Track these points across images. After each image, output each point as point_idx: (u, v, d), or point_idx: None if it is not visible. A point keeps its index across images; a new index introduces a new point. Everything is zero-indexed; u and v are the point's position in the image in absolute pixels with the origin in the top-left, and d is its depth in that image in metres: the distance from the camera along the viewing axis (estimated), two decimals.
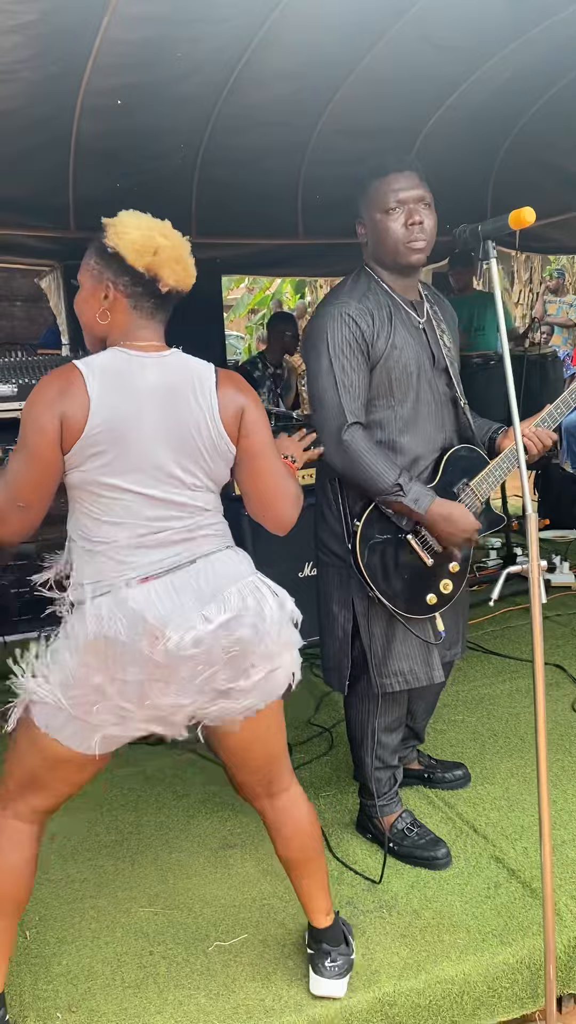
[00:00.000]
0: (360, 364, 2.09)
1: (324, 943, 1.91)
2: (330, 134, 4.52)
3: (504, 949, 2.01)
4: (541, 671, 1.84)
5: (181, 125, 4.11)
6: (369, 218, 2.15)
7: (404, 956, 2.00)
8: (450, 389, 2.28)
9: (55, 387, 1.60)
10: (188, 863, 2.38)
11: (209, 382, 1.68)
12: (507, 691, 3.33)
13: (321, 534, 2.30)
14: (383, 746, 2.34)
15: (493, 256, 1.91)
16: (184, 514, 1.68)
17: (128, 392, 1.61)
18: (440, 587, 2.25)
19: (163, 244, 1.64)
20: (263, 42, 3.50)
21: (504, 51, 4.04)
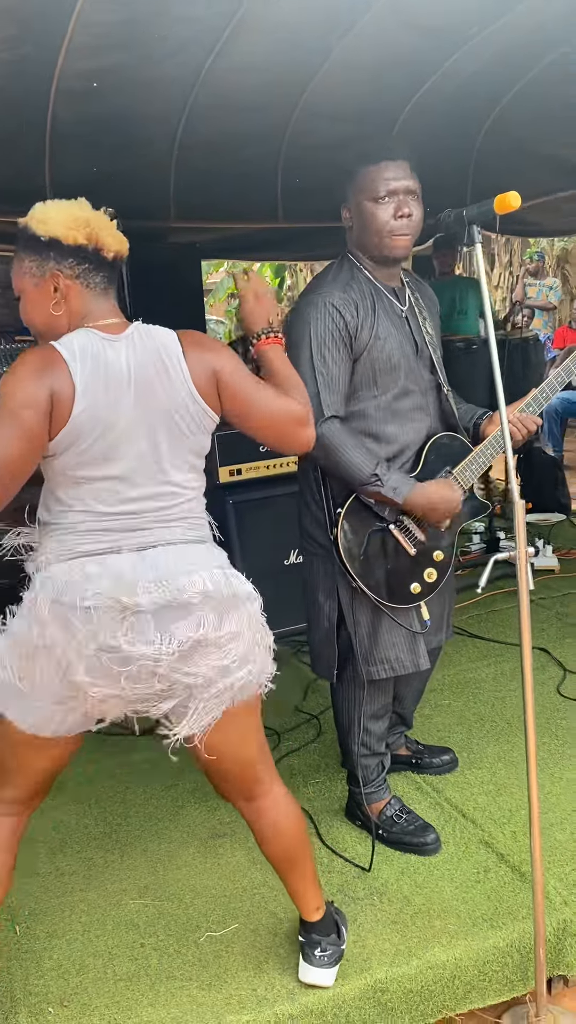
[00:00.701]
0: (342, 356, 2.07)
1: (314, 933, 1.91)
2: (309, 117, 4.47)
3: (494, 933, 2.02)
4: (528, 658, 1.85)
5: (158, 108, 4.06)
6: (356, 204, 2.12)
7: (395, 942, 2.01)
8: (433, 376, 2.27)
9: (39, 362, 1.56)
10: (178, 853, 2.38)
11: (176, 351, 1.64)
12: (492, 675, 3.34)
13: (305, 523, 2.28)
14: (370, 733, 2.34)
15: (478, 241, 1.90)
16: (161, 503, 1.66)
17: (105, 378, 1.58)
18: (424, 576, 2.24)
19: (89, 215, 1.63)
20: (240, 25, 3.44)
21: (483, 33, 3.99)
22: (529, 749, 1.85)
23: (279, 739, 2.91)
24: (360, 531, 2.15)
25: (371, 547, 2.16)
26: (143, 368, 1.61)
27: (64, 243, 1.60)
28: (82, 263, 1.62)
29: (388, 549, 2.18)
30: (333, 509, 2.16)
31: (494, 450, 2.29)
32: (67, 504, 1.63)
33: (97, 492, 1.61)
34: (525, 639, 1.86)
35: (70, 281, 1.62)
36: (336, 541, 2.13)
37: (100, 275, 1.64)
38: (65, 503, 1.63)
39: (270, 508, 3.72)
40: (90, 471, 1.60)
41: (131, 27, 3.21)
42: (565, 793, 2.54)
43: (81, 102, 3.67)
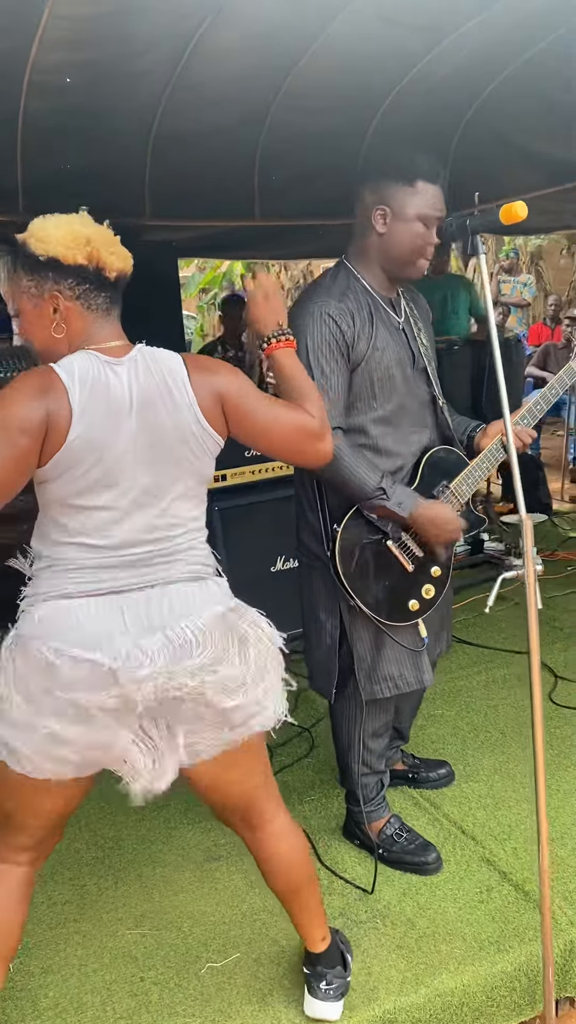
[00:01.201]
0: (340, 366, 2.01)
1: (319, 966, 1.86)
2: (286, 112, 4.40)
3: (502, 957, 1.98)
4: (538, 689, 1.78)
5: (133, 103, 3.97)
6: (402, 215, 2.02)
7: (402, 969, 1.97)
8: (429, 388, 2.21)
9: (38, 383, 1.49)
10: (173, 878, 2.32)
11: (181, 375, 1.57)
12: (483, 682, 3.31)
13: (303, 536, 2.23)
14: (370, 751, 2.29)
15: (482, 252, 1.85)
16: (160, 534, 1.58)
17: (106, 404, 1.51)
18: (423, 592, 2.19)
19: (90, 232, 1.54)
20: (218, 18, 3.37)
21: (463, 28, 3.94)
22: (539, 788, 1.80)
23: (271, 754, 2.84)
24: (358, 547, 2.09)
25: (369, 564, 2.10)
26: (146, 392, 1.54)
27: (64, 263, 1.51)
28: (82, 284, 1.54)
29: (386, 566, 2.13)
30: (330, 524, 2.10)
31: (490, 463, 2.25)
32: (61, 536, 1.56)
33: (94, 522, 1.54)
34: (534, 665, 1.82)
35: (70, 303, 1.54)
36: (333, 557, 2.07)
37: (102, 296, 1.56)
38: (59, 535, 1.56)
39: (256, 514, 3.66)
40: (86, 499, 1.53)
41: (106, 21, 3.12)
42: (564, 806, 2.52)
43: (54, 97, 3.58)
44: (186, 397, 1.56)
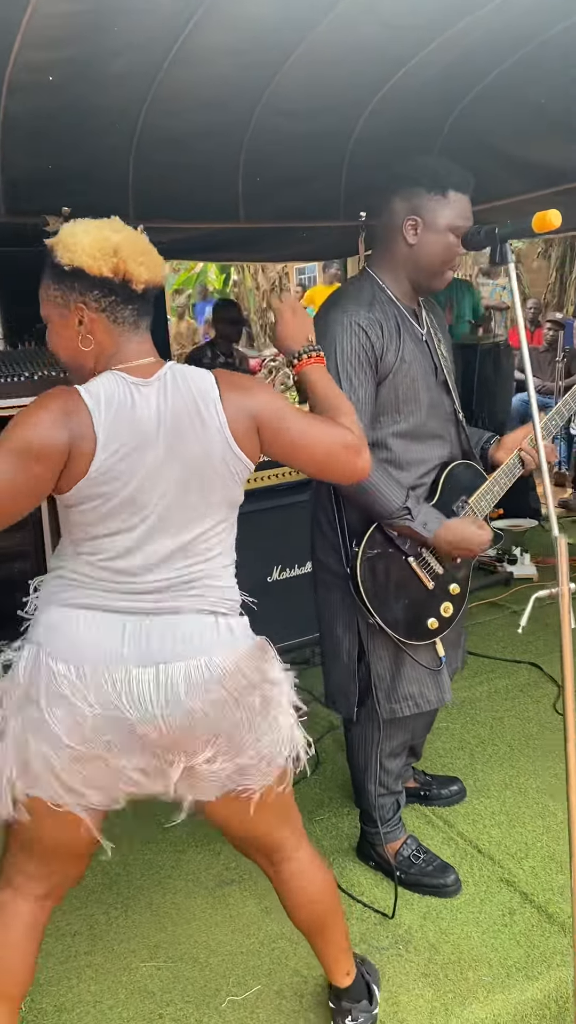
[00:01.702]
0: (368, 378, 1.95)
1: (344, 1000, 1.80)
2: (270, 115, 4.34)
3: (531, 984, 1.93)
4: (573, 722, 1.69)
5: (116, 104, 3.88)
6: (434, 225, 1.96)
7: (429, 999, 1.91)
8: (450, 401, 2.16)
9: (62, 406, 1.41)
10: (185, 905, 2.24)
11: (213, 396, 1.49)
12: (487, 693, 3.27)
13: (320, 553, 2.16)
14: (387, 772, 2.24)
15: (511, 260, 1.80)
16: (185, 563, 1.51)
17: (131, 429, 1.43)
18: (441, 611, 2.14)
19: (120, 240, 1.45)
20: (204, 18, 3.29)
21: (449, 32, 3.92)
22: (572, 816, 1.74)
23: None
24: (378, 564, 2.03)
25: (389, 581, 2.05)
26: (175, 415, 1.46)
27: (89, 274, 1.43)
28: (108, 296, 1.45)
29: (406, 583, 2.07)
30: (349, 541, 2.04)
31: (508, 479, 2.21)
32: (81, 556, 1.49)
33: (116, 548, 1.47)
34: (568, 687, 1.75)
35: (96, 315, 1.46)
36: (354, 574, 2.01)
37: (129, 308, 1.47)
38: (79, 554, 1.49)
39: (252, 524, 3.54)
40: (108, 526, 1.46)
41: (89, 19, 3.04)
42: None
43: (37, 96, 3.48)
44: (217, 420, 1.48)
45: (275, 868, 1.70)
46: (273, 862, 1.70)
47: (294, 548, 3.50)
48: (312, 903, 1.72)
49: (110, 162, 4.36)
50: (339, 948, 1.78)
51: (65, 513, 1.48)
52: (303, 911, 1.72)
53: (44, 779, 1.44)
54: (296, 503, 3.54)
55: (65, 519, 1.50)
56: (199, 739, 1.47)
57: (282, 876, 1.70)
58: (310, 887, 1.71)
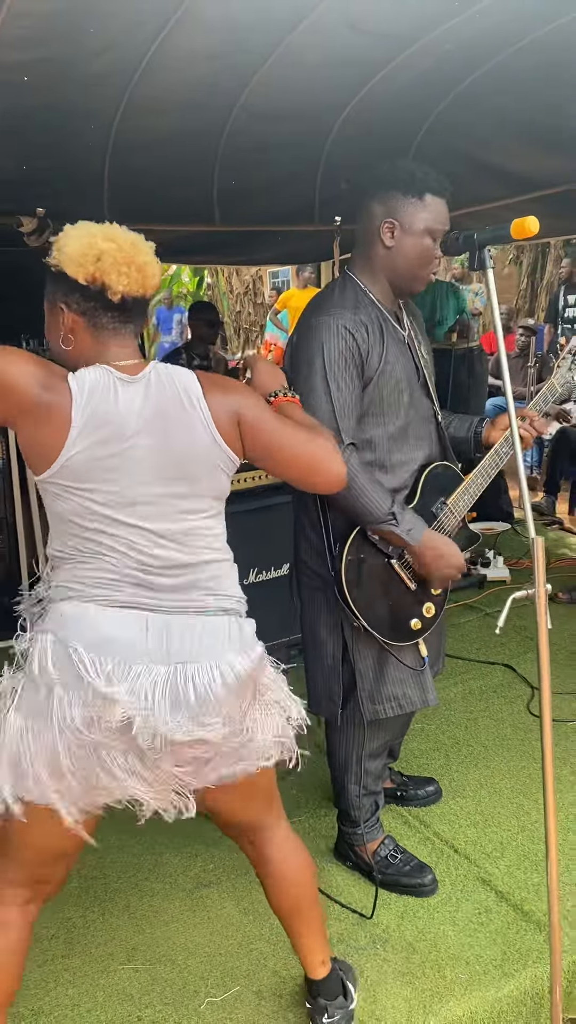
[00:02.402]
0: (354, 380, 1.97)
1: (320, 997, 1.81)
2: (246, 118, 4.35)
3: (507, 982, 1.96)
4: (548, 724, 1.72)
5: (92, 105, 3.87)
6: (411, 228, 1.99)
7: (407, 997, 1.93)
8: (430, 402, 2.18)
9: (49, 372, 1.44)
10: (163, 908, 2.24)
11: (196, 392, 1.52)
12: (461, 694, 3.30)
13: (303, 555, 2.17)
14: (368, 772, 2.25)
15: (490, 266, 1.82)
16: (183, 555, 1.53)
17: (114, 425, 1.45)
18: (423, 611, 2.16)
19: (106, 248, 1.46)
20: (181, 20, 3.30)
21: (425, 38, 3.95)
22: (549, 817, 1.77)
23: None
24: (363, 566, 2.05)
25: (372, 583, 2.06)
26: (161, 410, 1.49)
27: (71, 277, 1.46)
28: (87, 301, 1.48)
29: (389, 584, 2.09)
30: (333, 543, 2.06)
31: (484, 479, 2.24)
32: (77, 548, 1.51)
33: (111, 539, 1.49)
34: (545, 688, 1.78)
35: (76, 316, 1.49)
36: (338, 577, 2.02)
37: (108, 315, 1.49)
38: (75, 548, 1.51)
39: (232, 525, 3.58)
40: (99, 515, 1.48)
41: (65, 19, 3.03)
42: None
43: (10, 96, 3.47)
44: (200, 414, 1.51)
45: (257, 849, 1.74)
46: (255, 843, 1.73)
47: (271, 550, 3.51)
48: (292, 885, 1.76)
49: (86, 163, 4.35)
50: (315, 934, 1.81)
51: (54, 504, 1.50)
52: (283, 893, 1.76)
53: (38, 776, 1.44)
54: (272, 505, 3.55)
55: (58, 511, 1.51)
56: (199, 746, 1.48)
57: (264, 856, 1.74)
58: (290, 868, 1.76)
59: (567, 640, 3.72)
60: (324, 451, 1.61)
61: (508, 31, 3.98)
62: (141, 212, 4.80)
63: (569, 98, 4.27)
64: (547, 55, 4.03)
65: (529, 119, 4.61)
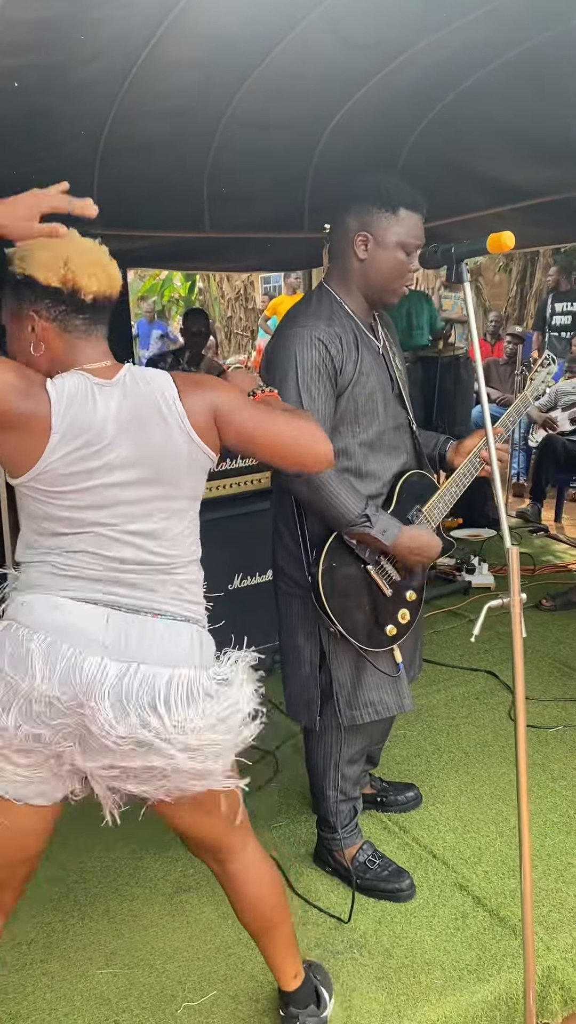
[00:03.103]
0: (327, 390, 1.99)
1: (292, 1006, 1.83)
2: (236, 126, 4.39)
3: (482, 986, 1.97)
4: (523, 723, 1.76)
5: (82, 111, 3.90)
6: (384, 242, 2.01)
7: (382, 1002, 1.94)
8: (404, 412, 2.21)
9: (29, 381, 1.46)
10: (142, 912, 2.25)
11: (172, 394, 1.54)
12: (444, 700, 3.32)
13: (281, 561, 2.19)
14: (346, 778, 2.27)
15: (467, 279, 1.85)
16: (155, 555, 1.55)
17: (93, 429, 1.47)
18: (399, 617, 2.18)
19: (72, 252, 1.49)
20: (170, 29, 3.33)
21: (412, 49, 3.99)
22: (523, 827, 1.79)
23: None
24: (340, 572, 2.07)
25: (349, 589, 2.08)
26: (137, 414, 1.51)
27: (40, 283, 1.48)
28: (58, 305, 1.49)
29: (365, 591, 2.11)
30: (310, 549, 2.08)
31: (459, 487, 2.26)
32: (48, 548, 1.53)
33: (87, 540, 1.51)
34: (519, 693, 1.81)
35: (46, 323, 1.50)
36: (316, 582, 2.04)
37: (80, 318, 1.51)
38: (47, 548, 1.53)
39: (213, 531, 3.54)
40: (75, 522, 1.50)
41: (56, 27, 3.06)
42: (531, 827, 2.52)
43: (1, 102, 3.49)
44: (177, 416, 1.53)
45: (221, 867, 1.74)
46: (219, 860, 1.73)
47: (256, 556, 3.53)
48: (258, 902, 1.75)
49: (75, 169, 4.32)
50: (286, 949, 1.81)
51: (28, 505, 1.52)
52: (248, 910, 1.76)
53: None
54: (258, 511, 3.57)
55: (31, 512, 1.53)
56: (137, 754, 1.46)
57: (228, 874, 1.74)
58: (255, 887, 1.74)
59: (550, 647, 3.75)
60: (306, 430, 1.64)
61: (494, 43, 4.03)
62: (131, 218, 4.86)
63: (555, 109, 4.31)
64: (533, 67, 4.08)
65: (516, 129, 4.66)
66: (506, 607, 1.83)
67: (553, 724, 3.10)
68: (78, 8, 2.95)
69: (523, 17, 3.63)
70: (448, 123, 4.83)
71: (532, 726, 3.09)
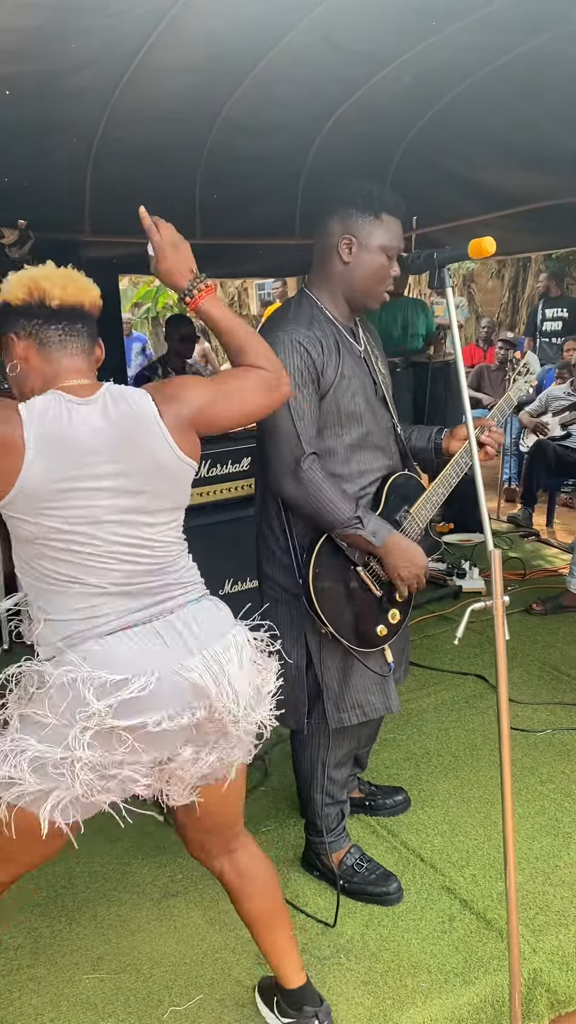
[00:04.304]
0: (311, 393, 2.01)
1: (307, 1005, 1.83)
2: (228, 132, 4.41)
3: (467, 989, 1.97)
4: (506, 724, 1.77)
5: (74, 118, 3.91)
6: (367, 246, 2.04)
7: (368, 1006, 1.94)
8: (388, 415, 2.22)
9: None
10: (130, 917, 2.25)
11: (151, 411, 1.57)
12: (433, 704, 3.32)
13: (266, 567, 2.20)
14: (333, 782, 2.27)
15: (449, 285, 1.86)
16: (154, 562, 1.59)
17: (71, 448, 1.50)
18: (389, 618, 2.19)
19: (39, 272, 1.56)
20: (162, 36, 3.34)
21: (404, 56, 4.01)
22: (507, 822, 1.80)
23: None
24: (330, 574, 2.08)
25: (340, 590, 2.09)
26: (122, 432, 1.54)
27: (11, 304, 1.54)
28: (31, 319, 1.54)
29: (355, 592, 2.12)
30: (299, 552, 2.09)
31: (446, 488, 2.27)
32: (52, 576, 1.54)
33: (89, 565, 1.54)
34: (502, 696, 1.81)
35: (24, 341, 1.56)
36: (307, 586, 2.05)
37: (52, 328, 1.55)
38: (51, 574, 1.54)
39: (204, 537, 3.56)
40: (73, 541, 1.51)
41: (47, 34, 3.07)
42: (519, 830, 2.53)
43: None
44: (160, 433, 1.57)
45: (231, 857, 1.78)
46: (231, 850, 1.78)
47: (247, 561, 3.52)
48: (266, 888, 1.80)
49: (67, 175, 4.38)
50: (289, 937, 1.85)
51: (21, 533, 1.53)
52: (260, 895, 1.80)
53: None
54: (248, 516, 3.57)
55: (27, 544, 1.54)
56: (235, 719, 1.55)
57: (238, 863, 1.78)
58: (263, 874, 1.80)
59: (540, 651, 3.76)
60: (268, 385, 1.71)
61: (484, 51, 4.05)
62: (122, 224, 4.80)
63: (545, 116, 4.34)
64: (523, 74, 4.10)
65: (506, 136, 4.68)
66: (489, 610, 1.83)
67: (542, 728, 3.10)
68: (70, 16, 2.97)
69: (512, 24, 3.65)
70: (439, 130, 4.86)
71: (521, 729, 3.09)
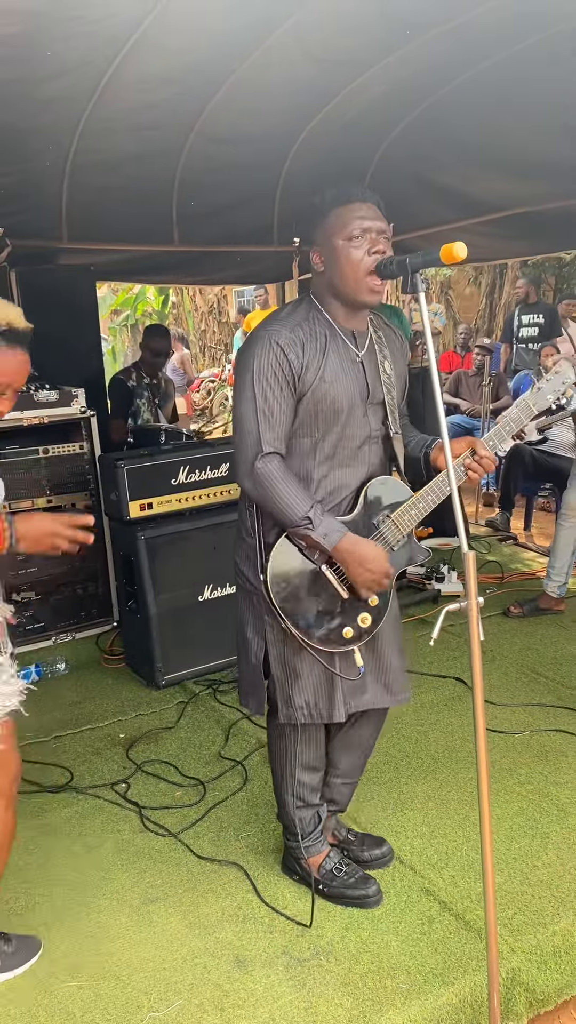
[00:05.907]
0: (284, 393, 2.01)
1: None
2: (204, 141, 4.43)
3: (447, 990, 1.98)
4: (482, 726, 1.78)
5: (50, 126, 3.92)
6: (328, 246, 2.04)
7: (348, 1007, 1.94)
8: (383, 422, 2.21)
9: None
10: (109, 924, 2.24)
11: None
12: (412, 707, 3.33)
13: (238, 558, 2.21)
14: (302, 784, 2.27)
15: (422, 290, 1.87)
16: None
17: None
18: (359, 621, 2.18)
19: None
20: (138, 45, 3.37)
21: (379, 65, 4.06)
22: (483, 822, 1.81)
23: (204, 790, 2.80)
24: (291, 570, 2.08)
25: (302, 587, 2.09)
26: None
27: None
28: None
29: (319, 591, 2.11)
30: (264, 547, 2.09)
31: (435, 496, 2.23)
32: None
33: None
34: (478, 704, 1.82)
35: None
36: (266, 580, 2.06)
37: None
38: None
39: (183, 543, 3.61)
40: None
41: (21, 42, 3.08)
42: (498, 831, 2.54)
43: None
44: None
45: None
46: None
47: (225, 567, 3.52)
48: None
49: (44, 182, 4.39)
50: None
51: None
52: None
53: None
54: (227, 522, 3.58)
55: None
56: None
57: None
58: None
59: (518, 653, 3.78)
60: None
61: (458, 60, 4.09)
62: (100, 231, 4.88)
63: (518, 124, 4.40)
64: (497, 83, 4.16)
65: (481, 144, 4.73)
66: (465, 611, 1.84)
67: (520, 729, 3.12)
68: (46, 24, 2.98)
69: (485, 35, 3.70)
70: (414, 138, 4.90)
71: (499, 731, 3.11)
